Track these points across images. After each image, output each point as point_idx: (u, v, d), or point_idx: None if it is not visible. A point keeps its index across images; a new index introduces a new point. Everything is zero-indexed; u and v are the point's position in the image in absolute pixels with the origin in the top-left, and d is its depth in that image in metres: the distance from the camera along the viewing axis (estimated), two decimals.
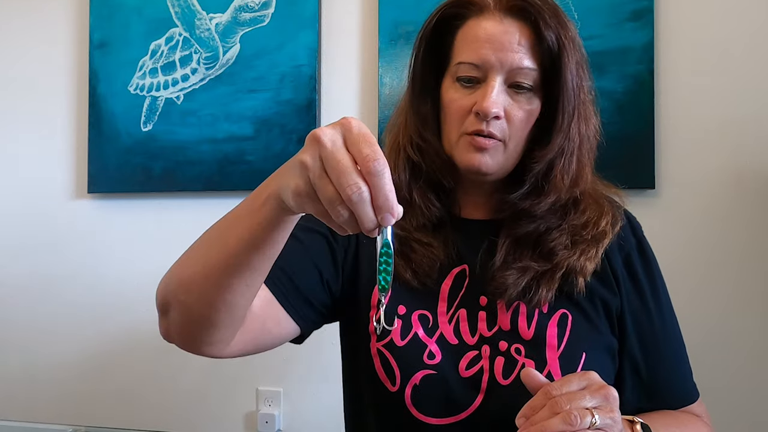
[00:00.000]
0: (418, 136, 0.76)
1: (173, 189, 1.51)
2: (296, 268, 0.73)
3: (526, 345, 0.70)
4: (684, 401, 0.76)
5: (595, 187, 0.78)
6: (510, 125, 0.70)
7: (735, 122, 1.23)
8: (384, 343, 0.72)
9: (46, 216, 1.61)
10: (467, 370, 0.71)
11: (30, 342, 1.61)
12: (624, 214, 0.79)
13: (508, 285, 0.71)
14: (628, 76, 1.26)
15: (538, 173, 0.72)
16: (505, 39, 0.69)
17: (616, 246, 0.76)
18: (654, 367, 0.74)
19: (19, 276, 1.62)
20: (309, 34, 1.43)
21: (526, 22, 0.69)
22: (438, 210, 0.76)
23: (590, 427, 0.53)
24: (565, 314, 0.72)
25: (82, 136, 1.59)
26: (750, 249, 1.22)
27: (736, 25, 1.23)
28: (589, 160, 0.76)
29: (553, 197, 0.72)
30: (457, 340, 0.72)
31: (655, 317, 0.75)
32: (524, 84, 0.70)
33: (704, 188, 1.25)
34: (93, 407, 1.56)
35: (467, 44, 0.71)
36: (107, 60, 1.55)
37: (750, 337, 1.21)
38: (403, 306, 0.74)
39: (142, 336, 1.54)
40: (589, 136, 0.75)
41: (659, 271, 0.78)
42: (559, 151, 0.71)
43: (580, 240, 0.72)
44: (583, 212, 0.74)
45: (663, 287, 0.78)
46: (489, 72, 0.69)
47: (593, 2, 1.28)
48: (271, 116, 1.45)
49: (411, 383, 0.70)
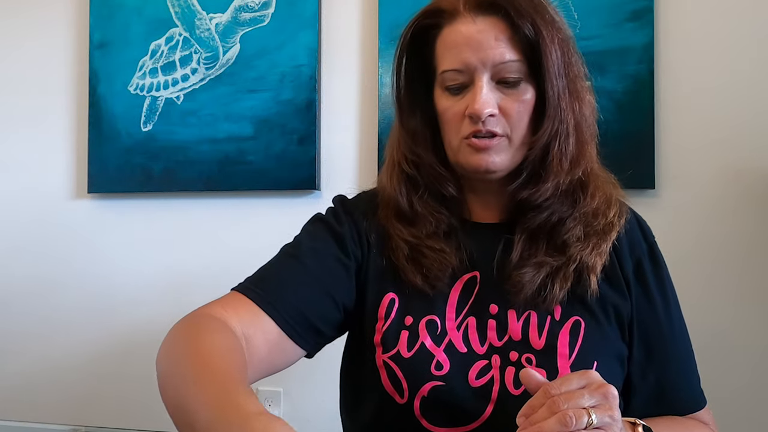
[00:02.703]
0: (410, 152, 0.76)
1: (173, 189, 1.52)
2: (307, 300, 0.72)
3: (537, 354, 0.70)
4: (691, 408, 0.76)
5: (601, 170, 0.77)
6: (508, 119, 0.70)
7: (735, 122, 1.24)
8: (390, 355, 0.72)
9: (46, 216, 1.63)
10: (477, 379, 0.70)
11: (30, 342, 1.62)
12: (633, 215, 0.79)
13: (525, 283, 0.70)
14: (628, 76, 1.27)
15: (534, 160, 0.72)
16: (481, 38, 0.69)
17: (627, 249, 0.75)
18: (662, 375, 0.74)
19: (19, 276, 1.63)
20: (309, 34, 1.44)
21: (498, 16, 0.69)
22: (446, 217, 0.75)
23: (587, 426, 0.52)
24: (578, 321, 0.71)
25: (82, 136, 1.60)
26: (750, 247, 1.23)
27: (736, 25, 1.24)
28: (591, 137, 0.75)
29: (552, 183, 0.71)
30: (466, 349, 0.71)
31: (664, 324, 0.75)
32: (511, 77, 0.70)
33: (704, 187, 1.26)
34: (93, 408, 1.57)
35: (447, 51, 0.71)
36: (107, 60, 1.57)
37: (755, 336, 1.22)
38: (410, 316, 0.73)
39: (143, 336, 1.55)
40: (585, 114, 0.74)
41: (669, 277, 0.78)
42: (553, 135, 0.71)
43: (591, 231, 0.72)
44: (592, 196, 0.73)
45: (673, 293, 0.77)
46: (474, 74, 0.70)
47: (593, 2, 1.29)
48: (272, 116, 1.46)
49: (419, 395, 0.69)
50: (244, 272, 1.48)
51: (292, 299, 0.70)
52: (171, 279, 1.54)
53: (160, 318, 1.53)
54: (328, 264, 0.74)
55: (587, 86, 0.75)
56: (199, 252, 1.53)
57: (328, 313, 0.73)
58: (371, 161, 1.43)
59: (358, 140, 1.46)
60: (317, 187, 1.44)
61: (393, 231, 0.76)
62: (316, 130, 1.44)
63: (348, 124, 1.46)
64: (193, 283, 1.52)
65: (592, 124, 0.75)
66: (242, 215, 1.51)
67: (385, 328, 0.73)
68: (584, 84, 0.75)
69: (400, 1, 1.38)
